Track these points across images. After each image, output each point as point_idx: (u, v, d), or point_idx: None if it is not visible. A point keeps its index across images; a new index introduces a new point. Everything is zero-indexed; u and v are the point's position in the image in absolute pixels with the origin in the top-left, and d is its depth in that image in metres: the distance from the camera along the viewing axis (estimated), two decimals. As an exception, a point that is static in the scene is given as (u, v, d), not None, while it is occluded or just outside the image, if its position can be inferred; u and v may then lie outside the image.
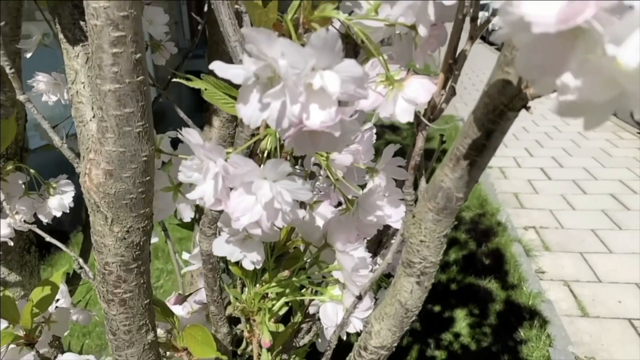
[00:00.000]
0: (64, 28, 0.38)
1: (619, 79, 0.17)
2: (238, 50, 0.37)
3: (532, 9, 0.17)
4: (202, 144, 0.33)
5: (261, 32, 0.26)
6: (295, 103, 0.27)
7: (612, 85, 0.18)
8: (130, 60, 0.35)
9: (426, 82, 0.32)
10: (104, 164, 0.37)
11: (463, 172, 0.32)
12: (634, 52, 0.15)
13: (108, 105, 0.36)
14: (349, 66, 0.27)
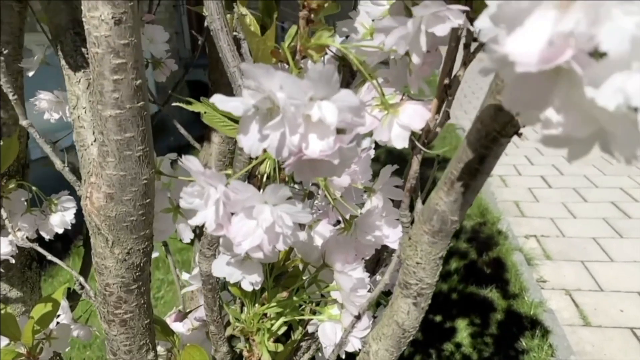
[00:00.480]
0: (66, 55, 0.39)
1: (598, 117, 0.18)
2: (237, 76, 0.37)
3: (516, 48, 0.18)
4: (202, 171, 0.33)
5: (260, 67, 0.27)
6: (294, 133, 0.28)
7: (592, 122, 0.18)
8: (131, 86, 0.35)
9: (420, 109, 0.33)
10: (104, 187, 0.38)
11: (457, 195, 0.33)
12: (610, 95, 0.16)
13: (109, 130, 0.36)
14: (345, 96, 0.28)
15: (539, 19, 0.18)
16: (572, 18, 0.17)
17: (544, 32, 0.18)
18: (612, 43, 0.15)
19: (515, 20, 0.19)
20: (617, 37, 0.15)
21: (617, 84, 0.15)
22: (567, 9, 0.18)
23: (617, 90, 0.15)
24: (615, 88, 0.15)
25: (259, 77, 0.27)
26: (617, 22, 0.15)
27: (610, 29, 0.15)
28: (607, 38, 0.15)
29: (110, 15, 0.33)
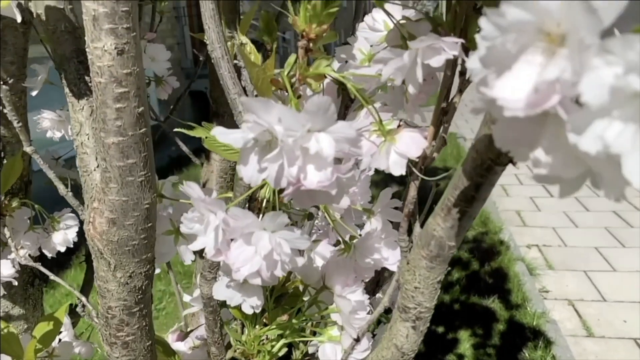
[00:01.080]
0: (70, 83, 0.39)
1: (584, 159, 0.18)
2: (237, 103, 0.38)
3: (504, 92, 0.19)
4: (203, 198, 0.34)
5: (259, 101, 0.27)
6: (292, 165, 0.28)
7: (580, 164, 0.19)
8: (133, 114, 0.36)
9: (417, 137, 0.34)
10: (107, 212, 0.39)
11: (454, 221, 0.33)
12: (592, 142, 0.16)
13: (112, 157, 0.37)
14: (342, 128, 0.29)
15: (526, 64, 0.19)
16: (557, 66, 0.17)
17: (530, 78, 0.18)
18: (592, 95, 0.16)
19: (504, 64, 0.19)
20: (597, 89, 0.16)
21: (597, 132, 0.16)
22: (553, 55, 0.18)
23: (597, 138, 0.16)
24: (596, 136, 0.16)
25: (258, 111, 0.28)
26: (597, 72, 0.16)
27: (591, 81, 0.16)
28: (587, 89, 0.16)
29: (113, 45, 0.34)
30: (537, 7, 0.17)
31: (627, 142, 0.16)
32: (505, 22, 0.18)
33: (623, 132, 0.16)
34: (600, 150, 0.16)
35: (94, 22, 0.33)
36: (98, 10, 0.33)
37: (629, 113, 0.16)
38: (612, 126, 0.16)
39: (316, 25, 0.34)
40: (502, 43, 0.18)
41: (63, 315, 0.65)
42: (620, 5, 0.16)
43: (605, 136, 0.16)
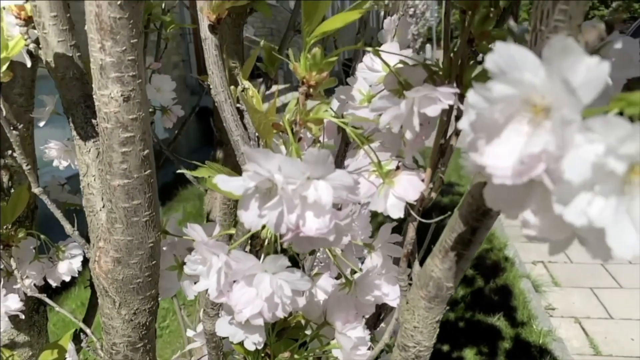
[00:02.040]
0: (77, 126, 0.41)
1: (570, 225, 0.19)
2: (240, 144, 0.39)
3: (492, 161, 0.20)
4: (205, 241, 0.35)
5: (260, 151, 0.28)
6: (291, 212, 0.29)
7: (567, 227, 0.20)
8: (139, 157, 0.37)
9: (415, 180, 0.35)
10: (112, 252, 0.39)
11: (451, 263, 0.34)
12: (576, 216, 0.17)
13: (117, 198, 0.38)
14: (340, 176, 0.29)
15: (513, 132, 0.20)
16: (541, 139, 0.18)
17: (518, 147, 0.19)
18: (574, 173, 0.16)
19: (492, 131, 0.20)
20: (579, 167, 0.16)
21: (581, 206, 0.17)
22: (539, 126, 0.19)
23: (580, 213, 0.17)
24: (579, 210, 0.17)
25: (259, 160, 0.29)
26: (579, 150, 0.17)
27: (573, 159, 0.17)
28: (570, 168, 0.16)
29: (119, 93, 0.35)
30: (522, 82, 0.18)
31: (610, 217, 0.17)
32: (492, 96, 0.19)
33: (605, 207, 0.16)
34: (585, 224, 0.17)
35: (101, 71, 0.34)
36: (105, 59, 0.34)
37: (611, 188, 0.17)
38: (595, 201, 0.17)
39: (316, 72, 0.35)
40: (489, 113, 0.19)
41: (67, 342, 0.66)
42: (600, 84, 0.17)
43: (589, 212, 0.16)
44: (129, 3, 0.33)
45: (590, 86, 0.17)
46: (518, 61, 0.18)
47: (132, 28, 0.34)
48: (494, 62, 0.19)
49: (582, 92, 0.17)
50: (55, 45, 0.38)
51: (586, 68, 0.17)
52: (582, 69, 0.17)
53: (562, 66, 0.17)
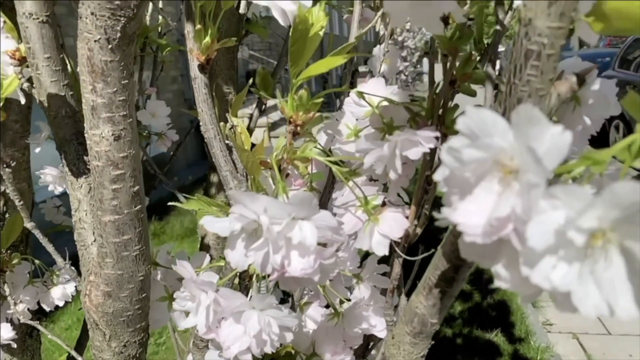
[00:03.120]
0: (69, 163, 0.41)
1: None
2: (229, 179, 0.40)
3: (463, 219, 0.20)
4: (194, 279, 0.35)
5: (246, 194, 0.29)
6: (277, 253, 0.30)
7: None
8: (129, 193, 0.38)
9: (399, 217, 0.35)
10: (103, 285, 0.40)
11: (436, 300, 0.34)
12: (542, 278, 0.18)
13: (108, 233, 0.38)
14: (325, 217, 0.30)
15: (485, 190, 0.20)
16: (509, 202, 0.19)
17: (489, 205, 0.20)
18: (537, 240, 0.17)
19: (465, 188, 0.21)
20: (542, 234, 0.17)
21: (546, 270, 0.17)
22: (509, 185, 0.20)
23: (544, 278, 0.17)
24: (544, 276, 0.17)
25: (246, 201, 0.30)
26: (543, 217, 0.17)
27: (536, 226, 0.17)
28: (533, 235, 0.17)
29: (110, 132, 0.36)
30: (491, 146, 0.19)
31: (573, 281, 0.17)
32: (463, 159, 0.19)
33: (568, 272, 0.17)
34: (549, 288, 0.17)
35: (93, 112, 0.35)
36: (96, 101, 0.35)
37: (573, 254, 0.17)
38: (559, 266, 0.17)
39: (303, 113, 0.36)
40: (461, 172, 0.20)
41: (60, 369, 0.66)
42: (563, 151, 0.18)
43: (552, 277, 0.17)
44: (120, 46, 0.34)
45: (554, 154, 0.18)
46: (488, 125, 0.19)
47: (123, 70, 0.35)
48: (466, 125, 0.20)
49: (546, 160, 0.18)
50: (48, 85, 0.39)
51: (550, 136, 0.18)
52: (546, 138, 0.18)
53: (529, 134, 0.18)
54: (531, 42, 0.24)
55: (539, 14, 0.23)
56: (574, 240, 0.16)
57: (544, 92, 0.25)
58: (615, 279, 0.17)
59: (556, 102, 0.26)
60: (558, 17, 0.23)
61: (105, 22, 0.33)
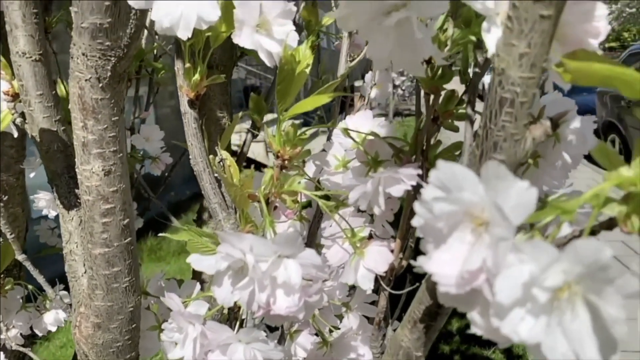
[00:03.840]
0: (61, 196, 0.42)
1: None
2: (218, 211, 0.40)
3: (436, 269, 0.21)
4: (182, 312, 0.36)
5: (232, 235, 0.30)
6: (262, 291, 0.30)
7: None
8: (119, 226, 0.38)
9: (385, 251, 0.36)
10: (93, 317, 0.40)
11: (420, 334, 0.35)
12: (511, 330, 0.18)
13: (98, 266, 0.39)
14: (309, 255, 0.31)
15: (458, 240, 0.21)
16: (479, 255, 0.20)
17: (462, 256, 0.21)
18: (504, 295, 0.18)
19: (439, 237, 0.21)
20: (509, 289, 0.18)
21: (514, 324, 0.18)
22: (480, 236, 0.21)
23: (513, 331, 0.18)
24: (512, 328, 0.18)
25: (232, 240, 0.30)
26: (511, 271, 0.18)
27: (504, 280, 0.18)
28: (500, 290, 0.18)
29: (100, 167, 0.36)
30: (462, 200, 0.20)
31: (540, 333, 0.18)
32: (434, 213, 0.20)
33: (535, 325, 0.18)
34: (517, 341, 0.18)
35: (84, 148, 0.36)
36: (87, 137, 0.35)
37: (540, 306, 0.18)
38: (526, 320, 0.18)
39: (290, 148, 0.36)
40: (434, 223, 0.21)
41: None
42: (530, 207, 0.19)
43: (520, 330, 0.18)
44: (110, 85, 0.35)
45: (521, 209, 0.18)
46: (459, 179, 0.20)
47: (114, 107, 0.35)
48: (438, 179, 0.20)
49: (513, 215, 0.18)
50: (40, 121, 0.40)
51: (517, 192, 0.19)
52: (513, 193, 0.19)
53: (496, 189, 0.19)
54: (505, 91, 0.24)
55: (512, 65, 0.24)
56: (537, 298, 0.17)
57: (519, 136, 0.25)
58: (582, 330, 0.18)
59: (531, 145, 0.27)
60: (529, 68, 0.24)
61: (96, 62, 0.34)
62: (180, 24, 0.32)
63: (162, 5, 0.31)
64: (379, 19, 0.26)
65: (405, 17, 0.25)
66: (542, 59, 0.24)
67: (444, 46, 0.32)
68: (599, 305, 0.17)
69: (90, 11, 0.32)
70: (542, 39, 0.23)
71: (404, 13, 0.25)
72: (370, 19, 0.26)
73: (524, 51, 0.23)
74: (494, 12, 0.26)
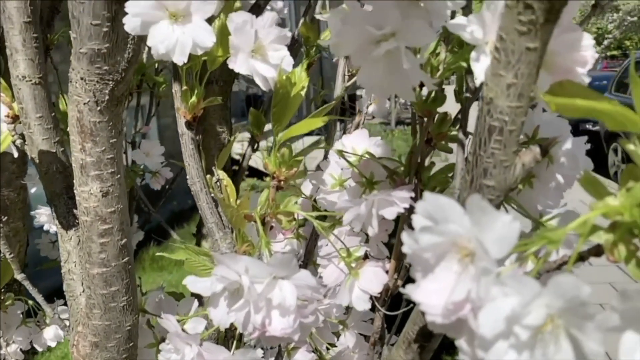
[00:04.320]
0: (59, 216, 0.43)
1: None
2: (214, 230, 0.41)
3: (423, 299, 0.21)
4: (179, 333, 0.36)
5: (228, 256, 0.30)
6: (257, 313, 0.31)
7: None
8: (117, 246, 0.39)
9: (379, 272, 0.36)
10: (90, 336, 0.41)
11: (414, 354, 0.35)
12: None
13: (96, 285, 0.39)
14: (304, 277, 0.31)
15: (445, 270, 0.21)
16: (465, 286, 0.20)
17: (449, 286, 0.21)
18: (487, 328, 0.18)
19: (426, 267, 0.22)
20: (492, 322, 0.18)
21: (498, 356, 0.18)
22: (466, 267, 0.21)
23: (497, 364, 0.18)
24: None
25: (228, 262, 0.31)
26: (494, 303, 0.18)
27: (487, 313, 0.18)
28: (483, 323, 0.18)
29: (98, 189, 0.37)
30: (448, 232, 0.20)
31: (524, 365, 0.18)
32: (420, 245, 0.20)
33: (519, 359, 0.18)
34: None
35: (82, 170, 0.36)
36: (85, 159, 0.36)
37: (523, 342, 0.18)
38: (510, 353, 0.18)
39: (285, 169, 0.37)
40: (421, 253, 0.21)
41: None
42: (513, 239, 0.19)
43: (502, 364, 0.18)
44: (108, 108, 0.35)
45: (504, 242, 0.19)
46: (445, 211, 0.20)
47: (112, 129, 0.36)
48: (424, 210, 0.21)
49: (496, 248, 0.19)
50: (40, 143, 0.41)
51: (501, 226, 0.19)
52: (497, 226, 0.19)
53: (480, 222, 0.19)
54: (493, 119, 0.25)
55: (500, 94, 0.24)
56: (519, 335, 0.17)
57: (508, 163, 0.26)
58: (565, 362, 0.18)
59: (521, 171, 0.27)
60: (517, 98, 0.24)
61: (94, 86, 0.34)
62: (176, 49, 0.32)
63: (158, 32, 0.32)
64: (368, 49, 0.26)
65: (394, 47, 0.26)
66: (530, 89, 0.24)
67: (436, 70, 0.32)
68: (580, 339, 0.17)
69: (89, 37, 0.33)
70: (528, 69, 0.23)
71: (392, 43, 0.25)
72: (360, 48, 0.27)
73: (511, 81, 0.24)
74: (483, 41, 0.27)
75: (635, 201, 0.22)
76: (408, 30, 0.26)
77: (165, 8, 0.32)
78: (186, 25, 0.32)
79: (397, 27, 0.26)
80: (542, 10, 0.21)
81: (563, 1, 0.21)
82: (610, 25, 11.78)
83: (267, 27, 0.34)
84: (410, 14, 0.27)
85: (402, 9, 0.27)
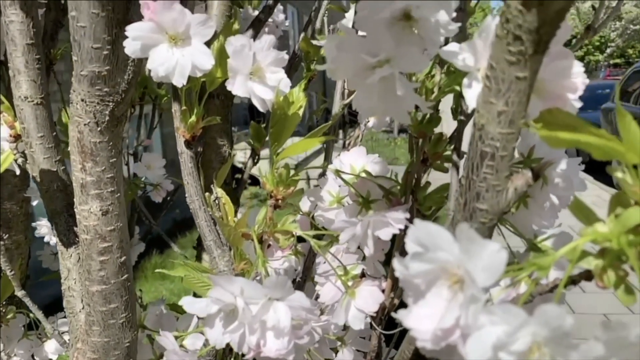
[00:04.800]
0: (60, 233, 0.43)
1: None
2: (212, 248, 0.41)
3: (414, 324, 0.22)
4: (176, 351, 0.36)
5: (223, 278, 0.30)
6: (252, 334, 0.31)
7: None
8: (116, 264, 0.39)
9: (376, 291, 0.36)
10: (89, 353, 0.41)
11: (411, 374, 0.35)
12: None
13: (95, 302, 0.40)
14: (299, 298, 0.31)
15: (435, 296, 0.22)
16: (454, 313, 0.20)
17: (439, 311, 0.21)
18: (475, 355, 0.18)
19: (418, 292, 0.22)
20: (480, 351, 0.18)
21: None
22: (456, 294, 0.21)
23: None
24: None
25: (223, 283, 0.31)
26: (482, 332, 0.19)
27: (475, 342, 0.18)
28: (471, 350, 0.18)
29: (98, 208, 0.37)
30: (437, 260, 0.21)
31: (512, 393, 0.18)
32: (411, 272, 0.21)
33: (506, 386, 0.18)
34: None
35: (82, 189, 0.37)
36: (86, 179, 0.36)
37: (511, 367, 0.18)
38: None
39: (283, 188, 0.37)
40: (411, 279, 0.21)
41: None
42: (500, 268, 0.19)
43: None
44: (108, 128, 0.36)
45: (492, 271, 0.19)
46: (435, 238, 0.21)
47: (112, 149, 0.37)
48: (415, 238, 0.21)
49: (484, 276, 0.19)
50: (41, 162, 0.41)
51: (488, 254, 0.19)
52: (485, 255, 0.19)
53: (468, 251, 0.20)
54: (485, 145, 0.25)
55: (491, 121, 0.25)
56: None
57: (501, 187, 0.26)
58: (553, 390, 0.19)
59: (513, 195, 0.27)
60: (508, 125, 0.24)
61: (94, 107, 0.35)
62: (175, 72, 0.33)
63: (158, 55, 0.33)
64: (363, 75, 0.27)
65: (389, 74, 0.26)
66: (520, 116, 0.24)
67: (431, 93, 0.33)
68: (566, 367, 0.18)
69: (89, 60, 0.34)
70: (519, 98, 0.24)
71: (387, 70, 0.26)
72: (355, 74, 0.27)
73: (502, 109, 0.24)
74: (475, 68, 0.27)
75: (623, 228, 0.22)
76: (402, 57, 0.27)
77: (165, 31, 0.33)
78: (185, 48, 0.33)
79: (391, 54, 0.27)
80: (531, 42, 0.22)
81: (551, 33, 0.22)
82: (612, 34, 11.79)
83: (265, 49, 0.34)
84: (404, 40, 0.27)
85: (395, 35, 0.27)
